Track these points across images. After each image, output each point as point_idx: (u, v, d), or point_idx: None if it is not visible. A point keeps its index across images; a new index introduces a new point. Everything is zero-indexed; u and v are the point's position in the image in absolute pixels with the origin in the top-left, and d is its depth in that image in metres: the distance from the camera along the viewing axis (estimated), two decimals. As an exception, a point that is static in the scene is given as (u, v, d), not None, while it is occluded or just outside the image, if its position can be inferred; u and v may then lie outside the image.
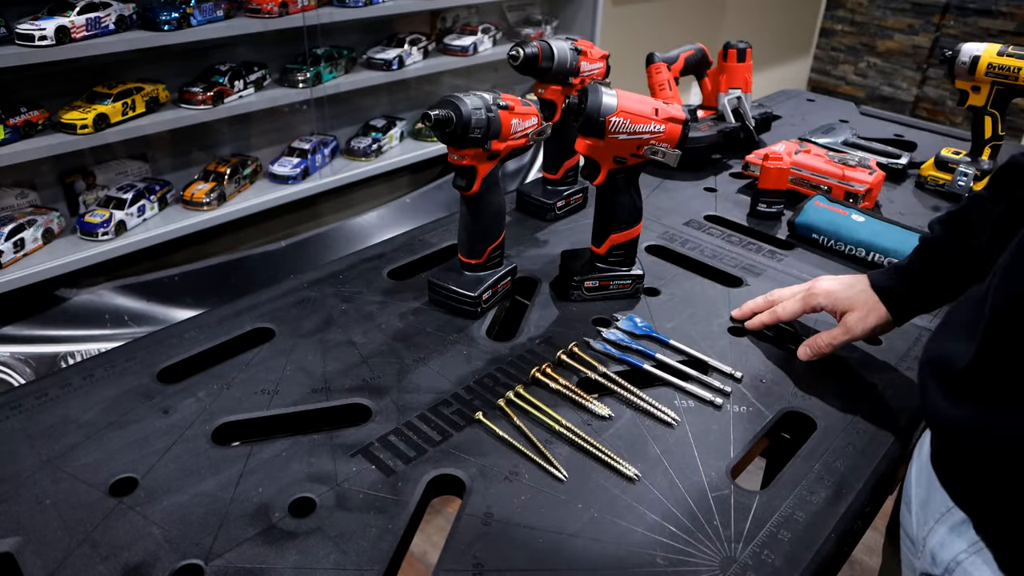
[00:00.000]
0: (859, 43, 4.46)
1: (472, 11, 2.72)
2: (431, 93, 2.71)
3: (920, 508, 0.72)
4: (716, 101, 1.60)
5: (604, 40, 2.91)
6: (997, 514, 0.60)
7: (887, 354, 0.95)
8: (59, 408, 0.80)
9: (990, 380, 0.58)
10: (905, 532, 0.76)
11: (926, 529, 0.69)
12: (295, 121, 2.36)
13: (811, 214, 1.23)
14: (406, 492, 0.71)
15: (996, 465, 0.58)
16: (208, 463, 0.73)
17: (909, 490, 0.76)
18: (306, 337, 0.93)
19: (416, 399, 0.83)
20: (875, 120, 1.88)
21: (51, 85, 1.80)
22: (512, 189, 1.35)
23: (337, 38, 2.37)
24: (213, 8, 1.90)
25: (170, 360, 0.88)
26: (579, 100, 0.91)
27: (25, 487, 0.70)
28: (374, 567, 0.63)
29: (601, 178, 0.96)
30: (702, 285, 1.09)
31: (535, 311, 1.01)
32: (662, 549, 0.66)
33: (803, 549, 0.67)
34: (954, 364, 0.62)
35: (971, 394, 0.60)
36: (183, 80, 2.00)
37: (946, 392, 0.63)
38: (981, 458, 0.60)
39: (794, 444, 0.81)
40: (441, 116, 0.86)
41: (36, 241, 1.77)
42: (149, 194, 1.96)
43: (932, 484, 0.69)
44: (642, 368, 0.89)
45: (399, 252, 1.15)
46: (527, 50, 1.08)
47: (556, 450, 0.77)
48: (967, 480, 0.63)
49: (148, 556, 0.63)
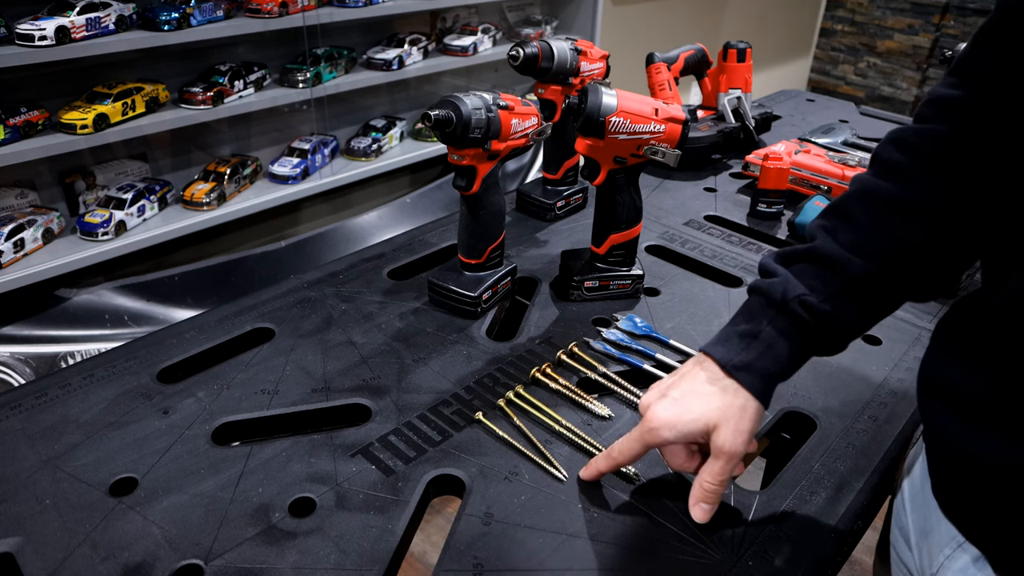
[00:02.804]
0: (859, 43, 4.46)
1: (472, 11, 2.72)
2: (431, 93, 2.71)
3: (920, 539, 0.67)
4: (716, 101, 1.60)
5: (604, 40, 2.91)
6: (1019, 550, 0.56)
7: (887, 354, 0.95)
8: (59, 408, 0.80)
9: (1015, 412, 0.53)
10: (901, 561, 0.71)
11: (934, 565, 0.64)
12: (295, 121, 2.36)
13: (811, 214, 1.23)
14: (406, 492, 0.71)
15: (1019, 500, 0.54)
16: (208, 463, 0.73)
17: (902, 517, 0.72)
18: (306, 337, 0.93)
19: (416, 399, 0.83)
20: (875, 120, 1.88)
21: (51, 85, 1.80)
22: (512, 189, 1.35)
23: (337, 38, 2.37)
24: (213, 8, 1.90)
25: (170, 360, 0.88)
26: (579, 100, 0.91)
27: (25, 487, 0.70)
28: (374, 567, 0.63)
29: (601, 178, 0.96)
30: (702, 285, 1.09)
31: (535, 311, 1.01)
32: (662, 549, 0.66)
33: (803, 549, 0.67)
34: (963, 391, 0.57)
35: (992, 426, 0.55)
36: (183, 80, 2.00)
37: (958, 423, 0.57)
38: (1002, 492, 0.55)
39: (794, 444, 0.81)
40: (441, 116, 0.86)
41: (36, 241, 1.78)
42: (149, 194, 1.96)
43: (932, 514, 0.65)
44: (642, 368, 0.89)
45: (399, 252, 1.15)
46: (527, 50, 1.08)
47: (556, 450, 0.77)
48: (984, 515, 0.58)
49: (148, 556, 0.63)
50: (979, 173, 0.59)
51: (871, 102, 4.41)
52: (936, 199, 0.61)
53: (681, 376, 0.69)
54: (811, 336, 0.65)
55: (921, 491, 0.68)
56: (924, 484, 0.67)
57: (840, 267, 0.63)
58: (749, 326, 0.66)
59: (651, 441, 0.67)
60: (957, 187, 0.60)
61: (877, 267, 0.62)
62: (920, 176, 0.61)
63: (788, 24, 4.39)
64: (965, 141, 0.59)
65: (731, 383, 0.65)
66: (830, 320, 0.63)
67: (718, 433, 0.64)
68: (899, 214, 0.62)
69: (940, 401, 0.61)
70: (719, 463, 0.65)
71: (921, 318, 1.03)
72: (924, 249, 0.62)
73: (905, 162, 0.62)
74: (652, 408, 0.67)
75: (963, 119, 0.59)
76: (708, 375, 0.66)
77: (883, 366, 0.93)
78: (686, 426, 0.65)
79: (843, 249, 0.63)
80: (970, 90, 0.59)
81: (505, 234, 1.02)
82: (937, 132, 0.61)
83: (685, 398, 0.66)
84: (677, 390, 0.67)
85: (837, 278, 0.63)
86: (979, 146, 0.58)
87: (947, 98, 0.61)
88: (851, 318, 0.64)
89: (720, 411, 0.64)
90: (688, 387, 0.67)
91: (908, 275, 0.63)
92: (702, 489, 0.66)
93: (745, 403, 0.65)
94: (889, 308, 0.66)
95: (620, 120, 0.90)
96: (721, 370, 0.66)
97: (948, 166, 0.60)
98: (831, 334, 0.65)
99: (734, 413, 0.64)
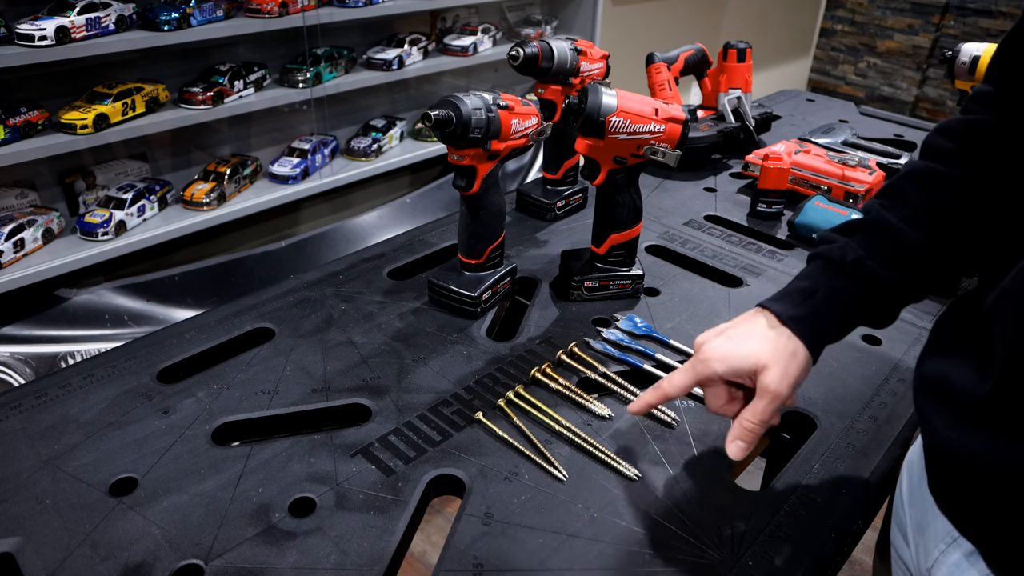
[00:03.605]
0: (859, 43, 4.46)
1: (472, 11, 2.72)
2: (431, 93, 2.72)
3: (917, 534, 0.68)
4: (716, 101, 1.60)
5: (604, 40, 2.91)
6: (1011, 546, 0.56)
7: (887, 354, 0.95)
8: (59, 408, 0.80)
9: (1007, 410, 0.54)
10: (899, 556, 0.73)
11: (929, 560, 0.65)
12: (295, 121, 2.36)
13: (811, 214, 1.23)
14: (406, 492, 0.71)
15: (1011, 498, 0.55)
16: (208, 463, 0.73)
17: (900, 512, 0.73)
18: (306, 337, 0.93)
19: (416, 399, 0.83)
20: (875, 120, 1.88)
21: (51, 85, 1.80)
22: (512, 189, 1.35)
23: (337, 38, 2.37)
24: (213, 8, 1.90)
25: (170, 360, 0.88)
26: (579, 100, 0.91)
27: (25, 487, 0.70)
28: (374, 567, 0.63)
29: (601, 178, 0.97)
30: (702, 285, 1.09)
31: (535, 311, 1.01)
32: (662, 549, 0.66)
33: (803, 549, 0.67)
34: (957, 389, 0.58)
35: (984, 424, 0.56)
36: (183, 80, 2.00)
37: (953, 421, 0.58)
38: (995, 489, 0.56)
39: (794, 444, 0.81)
40: (441, 116, 0.86)
41: (36, 241, 1.78)
42: (149, 194, 1.96)
43: (928, 509, 0.66)
44: (642, 368, 0.89)
45: (399, 252, 1.15)
46: (527, 50, 1.08)
47: (556, 450, 0.77)
48: (977, 511, 0.59)
49: (148, 556, 0.63)
50: (1012, 157, 0.65)
51: (871, 102, 4.42)
52: (978, 177, 0.67)
53: (738, 321, 0.73)
54: (866, 299, 0.70)
55: (919, 488, 0.69)
56: (922, 481, 0.68)
57: (895, 236, 0.69)
58: (808, 284, 0.71)
59: (703, 372, 0.71)
60: (995, 167, 0.66)
61: (928, 237, 0.68)
62: (963, 157, 0.68)
63: (788, 24, 4.39)
64: (1001, 129, 0.65)
65: (785, 331, 0.69)
66: (884, 283, 0.69)
67: (766, 373, 0.68)
68: (946, 190, 0.69)
69: (936, 398, 0.62)
70: (762, 403, 0.68)
71: (921, 318, 1.03)
72: (968, 222, 0.68)
73: (951, 146, 0.69)
74: (708, 343, 0.72)
75: (999, 110, 0.66)
76: (766, 322, 0.71)
77: (883, 366, 0.93)
78: (737, 362, 0.69)
79: (898, 220, 0.69)
80: (1000, 86, 0.66)
81: (505, 234, 1.02)
82: (978, 121, 0.68)
83: (740, 337, 0.71)
84: (734, 330, 0.72)
85: (892, 245, 0.69)
86: (1012, 133, 0.64)
87: (985, 93, 0.68)
88: (903, 283, 0.70)
89: (772, 353, 0.68)
90: (744, 330, 0.71)
91: (954, 247, 0.69)
92: (741, 427, 0.69)
93: (796, 349, 0.69)
94: (938, 278, 0.71)
95: (620, 120, 0.90)
96: (777, 320, 0.70)
97: (987, 148, 0.67)
98: (884, 298, 0.71)
99: (784, 357, 0.68)
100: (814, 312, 0.69)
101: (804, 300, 0.70)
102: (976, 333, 0.60)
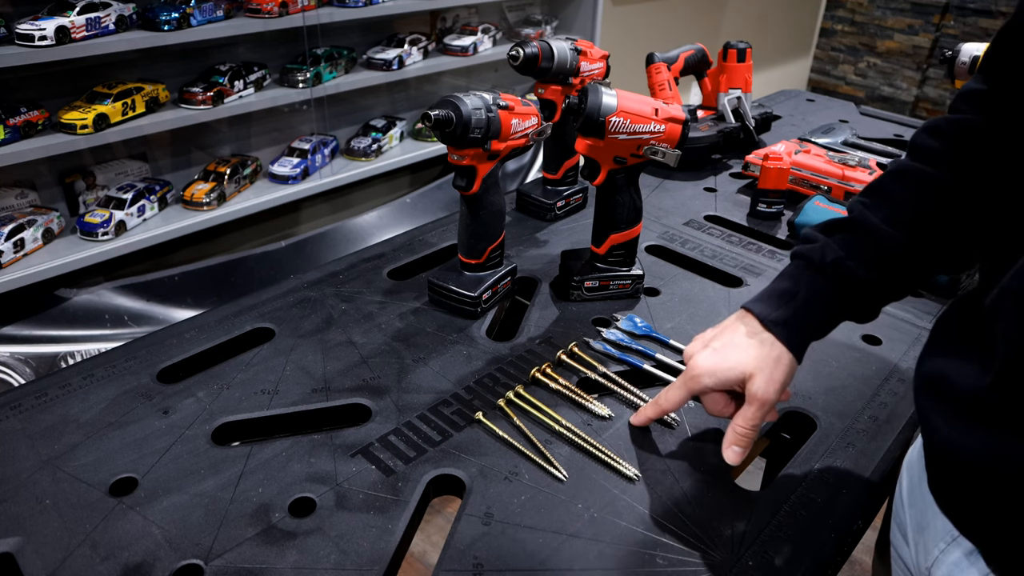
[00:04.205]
0: (859, 43, 4.46)
1: (472, 11, 2.72)
2: (431, 93, 2.72)
3: (917, 534, 0.68)
4: (716, 101, 1.60)
5: (604, 40, 2.91)
6: (1011, 545, 0.56)
7: (887, 354, 0.95)
8: (59, 408, 0.80)
9: (1007, 408, 0.54)
10: (899, 556, 0.73)
11: (929, 559, 0.65)
12: (295, 121, 2.36)
13: (811, 214, 1.23)
14: (406, 492, 0.71)
15: (1011, 496, 0.55)
16: (208, 463, 0.73)
17: (900, 511, 0.73)
18: (306, 337, 0.93)
19: (416, 399, 0.83)
20: (875, 120, 1.88)
21: (51, 85, 1.80)
22: (512, 189, 1.35)
23: (337, 38, 2.37)
24: (213, 8, 1.90)
25: (170, 360, 0.88)
26: (579, 100, 0.91)
27: (25, 487, 0.70)
28: (374, 567, 0.63)
29: (601, 178, 0.96)
30: (702, 285, 1.09)
31: (535, 311, 1.01)
32: (662, 549, 0.66)
33: (803, 549, 0.67)
34: (958, 387, 0.58)
35: (984, 421, 0.56)
36: (183, 80, 2.00)
37: (953, 419, 0.58)
38: (995, 488, 0.56)
39: (794, 444, 0.81)
40: (441, 116, 0.86)
41: (36, 241, 1.78)
42: (149, 194, 1.96)
43: (928, 509, 0.66)
44: (642, 368, 0.89)
45: (399, 252, 1.15)
46: (527, 50, 1.08)
47: (556, 450, 0.77)
48: (977, 510, 0.58)
49: (148, 556, 0.63)
50: (1002, 157, 0.64)
51: (871, 102, 4.42)
52: (964, 180, 0.66)
53: (723, 329, 0.75)
54: (845, 298, 0.70)
55: (919, 487, 0.69)
56: (922, 481, 0.68)
57: (875, 237, 0.69)
58: (788, 285, 0.72)
59: (693, 387, 0.73)
60: (983, 169, 0.65)
61: (908, 238, 0.68)
62: (950, 158, 0.67)
63: (788, 24, 4.39)
64: (990, 129, 0.65)
65: (768, 336, 0.71)
66: (863, 283, 0.69)
67: (753, 381, 0.70)
68: (930, 192, 0.68)
69: (936, 397, 0.62)
70: (752, 409, 0.71)
71: (921, 318, 1.03)
72: (951, 224, 0.68)
73: (937, 146, 0.69)
74: (695, 357, 0.74)
75: (988, 109, 0.65)
76: (748, 328, 0.72)
77: (883, 366, 0.93)
78: (724, 374, 0.71)
79: (879, 221, 0.69)
80: (993, 83, 0.65)
81: (505, 234, 1.02)
82: (966, 121, 0.67)
83: (725, 348, 0.72)
84: (718, 341, 0.73)
85: (872, 246, 0.69)
86: (1002, 133, 0.64)
87: (974, 91, 0.67)
88: (882, 283, 0.70)
89: (756, 361, 0.70)
90: (728, 339, 0.73)
91: (935, 247, 0.69)
92: (735, 433, 0.72)
93: (780, 355, 0.70)
94: (917, 277, 0.72)
95: (620, 120, 0.90)
96: (760, 324, 0.71)
97: (976, 150, 0.66)
98: (864, 298, 0.71)
99: (769, 364, 0.70)
100: (795, 314, 0.71)
101: (786, 302, 0.71)
102: (977, 332, 0.60)
